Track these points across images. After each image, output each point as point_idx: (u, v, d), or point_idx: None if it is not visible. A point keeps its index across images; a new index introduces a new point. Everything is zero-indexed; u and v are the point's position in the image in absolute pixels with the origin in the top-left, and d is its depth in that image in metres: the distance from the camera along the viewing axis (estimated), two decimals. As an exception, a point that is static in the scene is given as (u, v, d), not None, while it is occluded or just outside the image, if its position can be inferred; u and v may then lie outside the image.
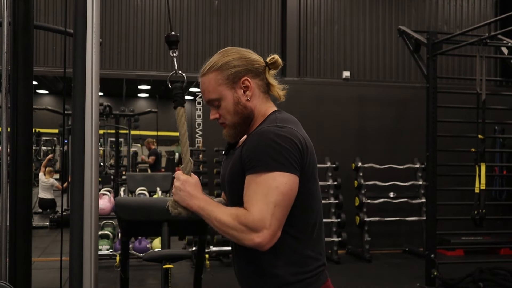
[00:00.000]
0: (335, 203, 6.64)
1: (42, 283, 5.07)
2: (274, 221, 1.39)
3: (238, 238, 1.42)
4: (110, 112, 8.70)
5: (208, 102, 1.59)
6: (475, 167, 4.82)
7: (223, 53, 1.58)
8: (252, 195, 1.42)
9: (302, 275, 1.50)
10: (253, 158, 1.43)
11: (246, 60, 1.56)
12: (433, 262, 5.17)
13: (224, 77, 1.54)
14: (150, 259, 2.38)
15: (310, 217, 1.53)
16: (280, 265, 1.48)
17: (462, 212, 6.26)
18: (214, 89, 1.55)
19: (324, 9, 7.95)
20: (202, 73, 1.59)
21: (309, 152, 1.50)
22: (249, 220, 1.39)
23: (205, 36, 7.67)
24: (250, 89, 1.55)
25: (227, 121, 1.57)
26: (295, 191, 1.44)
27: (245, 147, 1.48)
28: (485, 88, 4.86)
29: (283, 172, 1.41)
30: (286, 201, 1.42)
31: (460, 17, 8.39)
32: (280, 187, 1.40)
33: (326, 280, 1.57)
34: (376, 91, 7.52)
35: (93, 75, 1.64)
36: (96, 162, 1.63)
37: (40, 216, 9.34)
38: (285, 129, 1.47)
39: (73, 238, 1.62)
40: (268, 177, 1.40)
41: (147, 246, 6.12)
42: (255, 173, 1.42)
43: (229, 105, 1.55)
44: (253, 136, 1.49)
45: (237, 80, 1.54)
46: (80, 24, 1.65)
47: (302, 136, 1.51)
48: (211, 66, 1.56)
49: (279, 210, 1.40)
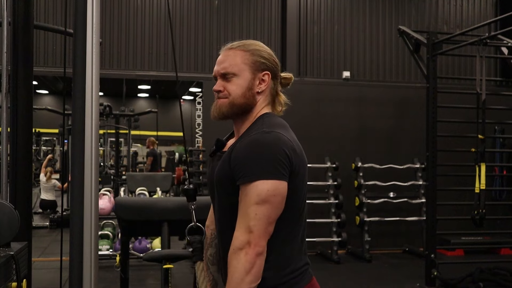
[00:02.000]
0: (335, 203, 6.64)
1: (42, 283, 5.07)
2: (256, 222, 1.41)
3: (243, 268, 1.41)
4: (110, 112, 8.70)
5: (222, 74, 1.58)
6: (475, 167, 4.83)
7: (254, 42, 1.63)
8: (240, 211, 1.45)
9: (287, 276, 1.51)
10: (241, 167, 1.45)
11: (273, 60, 1.62)
12: (433, 262, 5.17)
13: (252, 61, 1.57)
14: (150, 259, 2.38)
15: (296, 219, 1.54)
16: (265, 267, 1.47)
17: (462, 212, 6.27)
18: (238, 64, 1.56)
19: (324, 9, 7.95)
20: (230, 46, 1.60)
21: (296, 154, 1.50)
22: (236, 243, 1.42)
23: (205, 36, 7.67)
24: (266, 84, 1.59)
25: (229, 97, 1.56)
26: (280, 195, 1.45)
27: (233, 155, 1.49)
28: (485, 88, 4.86)
29: (266, 180, 1.42)
30: (268, 204, 1.43)
31: (460, 17, 8.39)
32: (261, 195, 1.42)
33: (311, 279, 1.57)
34: (376, 91, 7.52)
35: (93, 75, 1.64)
36: (96, 162, 1.63)
37: (40, 216, 9.34)
38: (271, 134, 1.47)
39: (73, 238, 1.62)
40: (251, 188, 1.43)
41: (147, 246, 6.12)
42: (243, 184, 1.45)
43: (242, 86, 1.56)
44: (240, 145, 1.49)
45: (261, 70, 1.58)
46: (80, 24, 1.65)
47: (289, 139, 1.50)
48: (243, 45, 1.59)
49: (261, 212, 1.42)
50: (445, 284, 5.14)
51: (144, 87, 14.42)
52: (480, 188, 4.73)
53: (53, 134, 14.99)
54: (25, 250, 2.14)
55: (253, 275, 1.41)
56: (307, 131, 6.87)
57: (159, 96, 13.07)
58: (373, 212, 6.81)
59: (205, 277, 1.69)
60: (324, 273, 5.87)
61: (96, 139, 1.63)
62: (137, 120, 10.00)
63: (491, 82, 8.20)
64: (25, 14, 2.55)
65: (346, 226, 6.58)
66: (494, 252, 6.84)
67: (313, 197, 6.50)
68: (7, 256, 1.90)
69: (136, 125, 10.08)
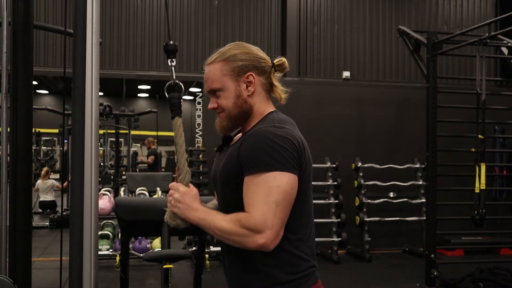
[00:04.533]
0: (335, 203, 6.64)
1: (42, 283, 5.07)
2: (276, 220, 1.40)
3: (241, 243, 1.42)
4: (110, 112, 8.69)
5: (209, 91, 1.59)
6: (475, 167, 4.83)
7: (232, 46, 1.60)
8: (253, 196, 1.41)
9: (293, 275, 1.50)
10: (252, 158, 1.43)
11: (254, 56, 1.58)
12: (433, 262, 5.17)
13: (230, 69, 1.55)
14: (150, 259, 2.37)
15: (302, 218, 1.54)
16: (272, 264, 1.48)
17: (462, 212, 6.27)
18: (218, 79, 1.56)
19: (324, 9, 7.95)
20: (209, 61, 1.60)
21: (305, 153, 1.50)
22: (251, 223, 1.39)
23: (205, 36, 7.67)
24: (253, 85, 1.56)
25: (225, 112, 1.57)
26: (295, 190, 1.44)
27: (243, 147, 1.48)
28: (485, 88, 4.86)
29: (283, 171, 1.41)
30: (287, 200, 1.42)
31: (460, 17, 8.39)
32: (281, 186, 1.40)
33: (317, 281, 1.57)
34: (376, 91, 7.52)
35: (93, 75, 1.64)
36: (96, 162, 1.63)
37: (40, 216, 9.34)
38: (283, 130, 1.47)
39: (73, 238, 1.62)
40: (268, 177, 1.40)
41: (147, 246, 6.12)
42: (254, 174, 1.42)
43: (230, 97, 1.56)
44: (251, 136, 1.48)
45: (242, 74, 1.55)
46: (80, 24, 1.65)
47: (299, 137, 1.51)
48: (219, 56, 1.58)
49: (280, 209, 1.40)
50: (445, 284, 5.13)
51: (144, 87, 14.41)
52: (480, 188, 4.73)
53: (53, 134, 14.98)
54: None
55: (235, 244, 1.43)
56: (307, 131, 6.79)
57: (159, 96, 13.04)
58: (373, 212, 6.81)
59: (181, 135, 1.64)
60: (324, 273, 5.83)
61: (96, 139, 1.63)
62: (137, 120, 10.00)
63: (491, 82, 8.20)
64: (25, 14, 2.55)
65: (346, 226, 6.58)
66: (494, 252, 6.84)
67: (313, 197, 6.48)
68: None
69: (136, 125, 10.08)
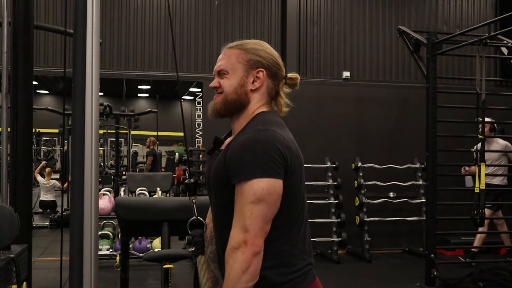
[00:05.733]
0: (335, 203, 6.64)
1: (42, 283, 5.07)
2: (252, 221, 1.41)
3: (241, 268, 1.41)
4: (110, 112, 8.69)
5: (217, 71, 1.63)
6: (475, 167, 4.82)
7: (257, 42, 1.66)
8: (236, 210, 1.45)
9: (289, 275, 1.51)
10: (236, 166, 1.46)
11: (273, 59, 1.62)
12: (433, 262, 5.17)
13: (246, 59, 1.59)
14: (150, 259, 2.38)
15: (295, 217, 1.54)
16: (266, 266, 1.47)
17: (462, 212, 6.26)
18: (232, 63, 1.60)
19: (324, 9, 7.95)
20: (229, 46, 1.64)
21: (292, 153, 1.50)
22: (232, 242, 1.43)
23: (205, 36, 7.67)
24: (260, 81, 1.59)
25: (223, 93, 1.60)
26: (276, 194, 1.45)
27: (228, 154, 1.50)
28: (485, 88, 4.86)
29: (262, 178, 1.42)
30: (264, 203, 1.43)
31: (460, 17, 8.39)
32: (256, 193, 1.42)
33: (314, 279, 1.57)
34: (376, 91, 7.52)
35: (93, 75, 1.64)
36: (96, 162, 1.63)
37: (40, 216, 9.34)
38: (266, 132, 1.48)
39: (73, 238, 1.62)
40: (247, 186, 1.43)
41: (147, 246, 6.12)
42: (238, 183, 1.45)
43: (234, 82, 1.59)
44: (235, 144, 1.50)
45: (254, 68, 1.59)
46: (80, 24, 1.65)
47: (285, 137, 1.50)
48: (241, 44, 1.63)
49: (257, 210, 1.42)
50: (445, 284, 5.13)
51: (144, 87, 14.43)
52: (480, 188, 4.73)
53: (53, 134, 14.98)
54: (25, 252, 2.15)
55: (250, 274, 1.41)
56: (307, 131, 6.87)
57: (159, 96, 13.07)
58: (373, 212, 6.81)
59: (205, 273, 1.69)
60: (324, 273, 5.86)
61: (96, 139, 1.63)
62: (137, 120, 10.00)
63: (491, 82, 8.20)
64: (25, 14, 2.55)
65: (346, 226, 6.58)
66: (494, 252, 6.84)
67: (313, 197, 6.49)
68: (7, 259, 1.90)
69: (136, 125, 10.07)
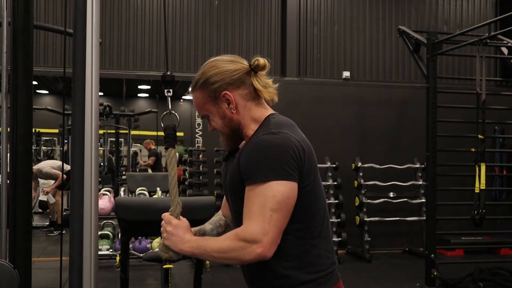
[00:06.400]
0: (335, 203, 6.64)
1: (42, 283, 5.06)
2: (272, 228, 1.40)
3: (240, 257, 1.42)
4: (110, 112, 8.70)
5: (201, 117, 1.65)
6: (475, 167, 4.82)
7: (204, 69, 1.59)
8: (249, 208, 1.43)
9: (314, 274, 1.51)
10: (249, 169, 1.44)
11: (225, 73, 1.55)
12: (433, 262, 5.17)
13: (207, 95, 1.57)
14: (150, 259, 2.38)
15: (316, 216, 1.54)
16: (291, 266, 1.48)
17: (462, 212, 6.27)
18: (202, 107, 1.60)
19: (324, 9, 7.95)
20: (191, 89, 1.65)
21: (306, 154, 1.49)
22: (247, 234, 1.40)
23: (205, 36, 7.67)
24: (232, 102, 1.56)
25: (220, 131, 1.62)
26: (293, 198, 1.44)
27: (241, 157, 1.49)
28: (485, 88, 4.86)
29: (279, 180, 1.41)
30: (284, 209, 1.42)
31: (460, 17, 8.39)
32: (276, 196, 1.41)
33: (338, 280, 1.58)
34: (376, 91, 7.52)
35: (93, 75, 1.64)
36: (96, 162, 1.63)
37: (40, 216, 9.33)
38: (279, 135, 1.47)
39: (73, 238, 1.62)
40: (265, 188, 1.41)
41: (147, 246, 6.12)
42: (252, 185, 1.43)
43: (217, 120, 1.59)
44: (248, 146, 1.50)
45: (218, 95, 1.56)
46: (80, 24, 1.64)
47: (298, 139, 1.50)
48: (195, 84, 1.60)
49: (276, 217, 1.41)
50: (445, 284, 5.13)
51: (144, 87, 14.41)
52: (480, 188, 4.72)
53: (53, 134, 14.96)
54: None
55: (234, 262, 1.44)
56: (307, 131, 6.78)
57: (159, 96, 13.03)
58: (373, 212, 6.81)
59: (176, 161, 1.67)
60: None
61: (96, 139, 1.63)
62: (137, 120, 9.99)
63: (491, 82, 8.20)
64: (25, 14, 2.55)
65: (346, 226, 6.58)
66: (494, 252, 6.84)
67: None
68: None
69: (136, 125, 10.07)
